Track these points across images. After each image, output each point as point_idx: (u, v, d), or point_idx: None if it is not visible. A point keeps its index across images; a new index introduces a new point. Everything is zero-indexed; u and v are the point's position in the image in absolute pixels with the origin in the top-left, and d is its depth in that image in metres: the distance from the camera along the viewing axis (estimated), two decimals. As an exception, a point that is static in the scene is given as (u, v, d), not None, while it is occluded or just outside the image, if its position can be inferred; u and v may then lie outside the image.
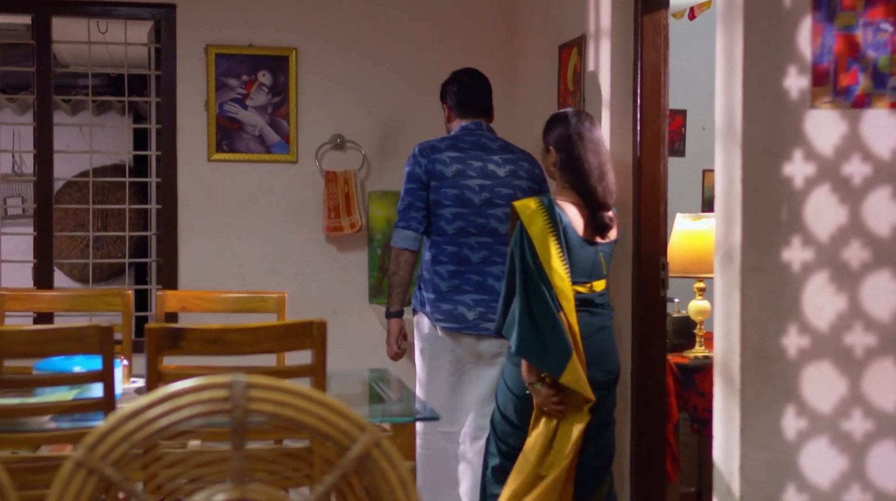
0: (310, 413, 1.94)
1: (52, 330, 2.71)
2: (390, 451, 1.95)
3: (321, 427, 1.94)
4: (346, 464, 1.92)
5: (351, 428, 1.95)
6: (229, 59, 5.37)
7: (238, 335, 2.78)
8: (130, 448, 1.88)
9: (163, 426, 1.91)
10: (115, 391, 2.76)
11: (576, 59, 4.64)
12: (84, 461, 1.84)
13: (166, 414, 1.91)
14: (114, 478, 1.83)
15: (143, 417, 1.89)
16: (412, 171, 4.33)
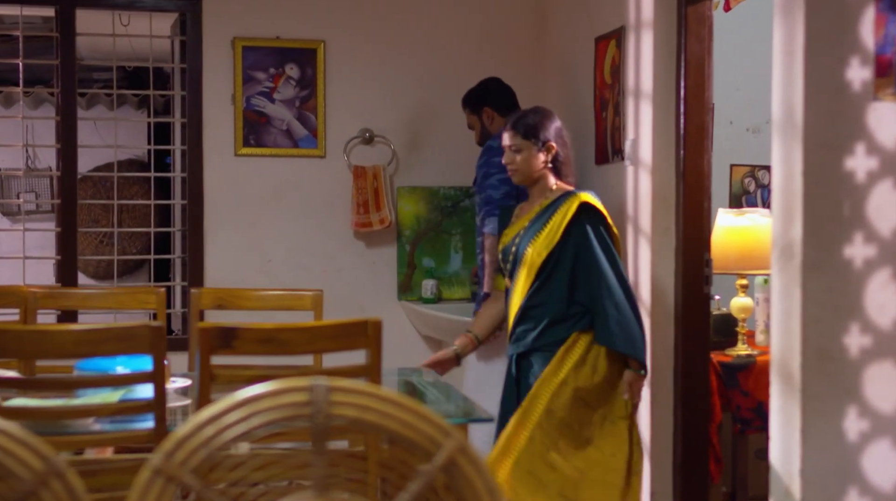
0: (393, 418, 1.86)
1: (102, 330, 2.62)
2: (476, 457, 1.88)
3: (405, 433, 1.86)
4: (432, 471, 1.84)
5: (436, 434, 1.87)
6: (256, 51, 5.28)
7: (292, 334, 2.69)
8: (210, 455, 1.80)
9: (242, 432, 1.83)
10: (165, 393, 2.67)
11: (614, 51, 4.55)
12: (162, 468, 1.76)
13: (246, 419, 1.83)
14: (194, 486, 1.75)
15: (221, 422, 1.81)
16: (499, 166, 4.35)
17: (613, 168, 4.55)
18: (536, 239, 3.83)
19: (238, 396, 1.79)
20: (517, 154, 3.91)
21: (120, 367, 3.08)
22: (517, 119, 3.94)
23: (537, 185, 3.93)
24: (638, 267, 4.28)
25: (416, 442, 1.84)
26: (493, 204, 4.43)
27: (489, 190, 4.45)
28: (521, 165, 3.91)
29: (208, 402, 2.66)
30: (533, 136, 3.90)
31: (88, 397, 2.92)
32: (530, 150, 3.90)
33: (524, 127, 3.91)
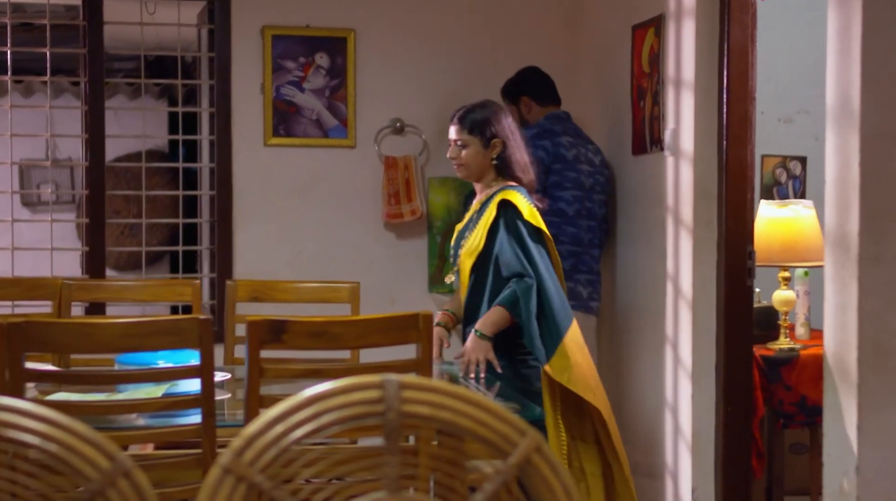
0: (467, 416, 1.80)
1: (150, 323, 2.56)
2: (552, 457, 1.81)
3: (479, 431, 1.80)
4: (507, 470, 1.78)
5: (510, 432, 1.81)
6: (286, 40, 5.20)
7: (343, 328, 2.63)
8: (279, 454, 1.74)
9: (312, 430, 1.77)
10: (214, 388, 2.61)
11: (652, 39, 4.47)
12: (231, 467, 1.70)
13: (316, 417, 1.77)
14: (263, 486, 1.70)
15: (291, 420, 1.76)
16: (535, 153, 4.37)
17: (651, 159, 4.48)
18: (468, 240, 3.86)
19: (308, 393, 1.73)
20: (463, 149, 3.86)
21: (161, 361, 3.03)
22: (464, 113, 3.88)
23: (482, 181, 3.91)
24: (679, 260, 4.21)
25: (490, 441, 1.78)
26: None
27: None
28: (466, 160, 3.86)
29: (257, 397, 2.61)
30: (479, 131, 3.85)
31: (131, 391, 2.86)
32: (476, 146, 3.85)
33: (471, 122, 3.86)
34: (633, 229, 4.66)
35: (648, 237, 4.49)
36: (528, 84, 4.68)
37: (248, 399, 2.60)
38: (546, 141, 4.48)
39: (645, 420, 4.50)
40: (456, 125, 3.87)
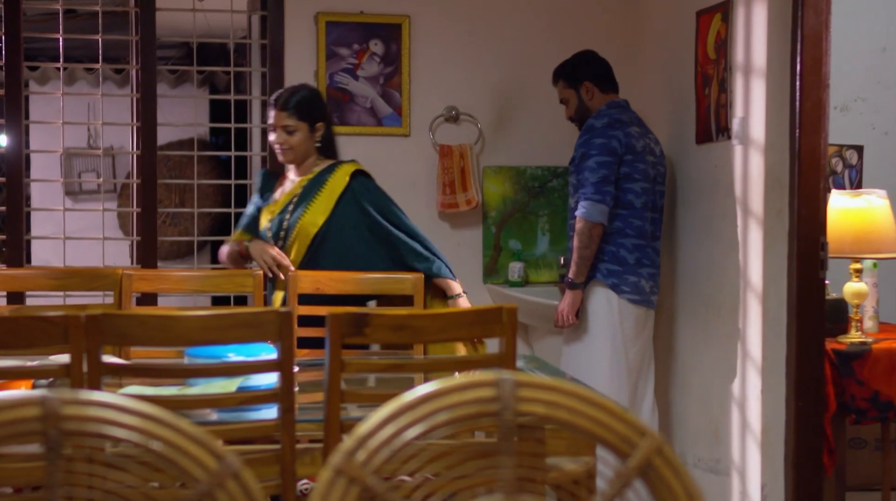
0: (585, 416, 1.72)
1: (230, 316, 2.49)
2: (673, 459, 1.73)
3: (597, 431, 1.71)
4: (627, 473, 1.69)
5: (630, 433, 1.73)
6: (340, 27, 5.12)
7: (426, 321, 2.54)
8: (392, 455, 1.67)
9: (425, 430, 1.69)
10: (293, 383, 2.54)
11: (719, 24, 4.36)
12: (344, 468, 1.63)
13: (429, 416, 1.69)
14: (377, 489, 1.62)
15: (403, 419, 1.68)
16: (608, 144, 4.34)
17: (718, 147, 4.37)
18: (307, 211, 3.90)
19: (420, 391, 1.66)
20: (292, 135, 3.90)
21: (231, 354, 2.96)
22: (288, 98, 3.91)
23: (303, 164, 3.97)
24: (748, 251, 4.11)
25: (608, 441, 1.70)
26: (589, 187, 4.31)
27: (586, 172, 4.32)
28: (294, 145, 3.91)
29: (338, 392, 2.53)
30: (309, 116, 3.92)
31: (204, 385, 2.79)
32: (304, 130, 3.91)
33: (298, 106, 3.90)
34: (696, 220, 4.55)
35: (713, 228, 4.39)
36: (590, 69, 4.55)
37: (329, 395, 2.52)
38: (618, 131, 4.38)
39: (709, 415, 4.40)
40: (282, 111, 3.89)
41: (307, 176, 3.97)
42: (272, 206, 3.99)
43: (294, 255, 3.92)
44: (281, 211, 3.94)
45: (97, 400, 1.56)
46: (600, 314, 4.37)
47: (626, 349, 4.38)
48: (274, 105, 3.92)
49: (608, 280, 4.37)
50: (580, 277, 4.34)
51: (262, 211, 4.01)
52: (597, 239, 4.31)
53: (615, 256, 4.37)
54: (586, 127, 4.43)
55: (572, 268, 4.35)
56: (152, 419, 1.58)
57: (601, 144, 4.33)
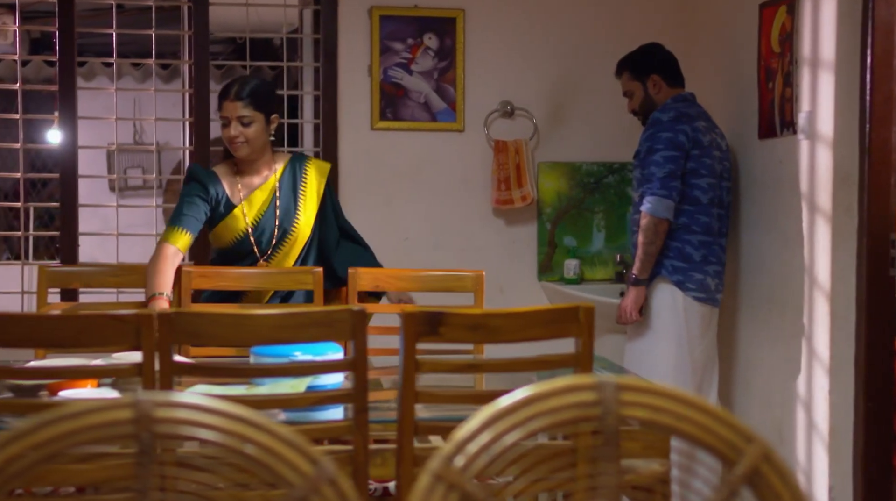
0: (689, 421, 1.66)
1: (304, 314, 2.44)
2: (781, 465, 1.66)
3: (702, 437, 1.65)
4: (734, 481, 1.63)
5: (736, 439, 1.66)
6: (394, 21, 5.07)
7: (503, 320, 2.48)
8: (491, 461, 1.61)
9: (525, 434, 1.64)
10: (367, 382, 2.49)
11: (783, 17, 4.27)
12: (443, 474, 1.57)
13: (529, 421, 1.64)
14: (476, 495, 1.57)
15: (502, 424, 1.63)
16: (675, 138, 4.27)
17: (783, 142, 4.28)
18: (302, 213, 3.80)
19: (520, 395, 1.60)
20: (248, 127, 3.71)
21: (297, 352, 2.91)
22: (242, 88, 3.72)
23: (261, 159, 3.80)
24: (814, 248, 4.02)
25: (714, 447, 1.63)
26: (655, 182, 4.23)
27: (652, 167, 4.24)
28: (252, 137, 3.73)
29: (413, 393, 2.48)
30: (265, 107, 3.75)
31: (272, 385, 2.75)
32: (261, 122, 3.75)
33: (254, 97, 3.72)
34: (758, 217, 4.47)
35: (777, 225, 4.30)
36: (657, 61, 4.47)
37: (404, 395, 2.47)
38: (685, 125, 4.30)
39: (771, 414, 4.32)
40: (236, 101, 3.70)
41: (276, 172, 3.82)
42: (245, 207, 3.78)
43: (290, 259, 3.82)
44: (265, 213, 3.78)
45: (190, 403, 1.52)
46: (664, 312, 4.30)
47: (692, 348, 4.31)
48: (227, 96, 3.73)
49: (673, 277, 4.29)
50: (644, 273, 4.27)
51: (230, 214, 3.77)
52: (662, 235, 4.24)
53: (681, 252, 4.29)
54: (652, 120, 4.35)
55: (636, 264, 4.27)
56: (247, 423, 1.54)
57: (668, 138, 4.26)
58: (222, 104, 3.73)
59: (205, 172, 3.83)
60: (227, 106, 3.71)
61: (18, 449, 1.47)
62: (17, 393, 2.83)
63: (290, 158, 3.89)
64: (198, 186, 3.76)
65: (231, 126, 3.71)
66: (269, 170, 3.83)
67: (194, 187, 3.76)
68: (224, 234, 3.80)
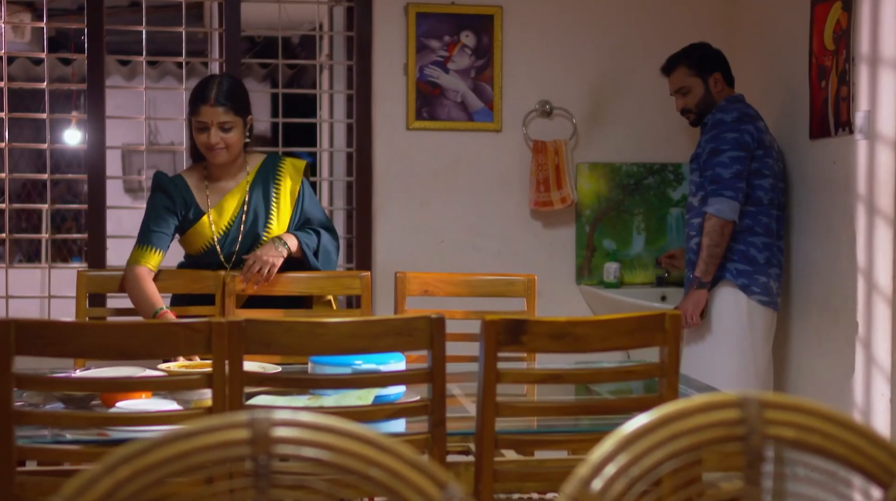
0: (840, 441, 1.54)
1: (380, 322, 2.32)
2: (938, 490, 1.54)
3: (854, 459, 1.53)
4: (888, 507, 1.52)
5: (891, 462, 1.55)
6: (430, 18, 4.94)
7: (588, 329, 2.37)
8: (631, 484, 1.50)
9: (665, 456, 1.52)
10: (445, 394, 2.37)
11: (838, 13, 4.15)
12: (579, 497, 1.46)
13: (669, 441, 1.52)
14: (617, 524, 1.45)
15: (641, 444, 1.51)
16: (741, 138, 4.15)
17: (837, 143, 4.16)
18: (275, 220, 3.63)
19: (660, 413, 1.49)
20: (229, 132, 3.50)
21: (359, 361, 2.79)
22: (219, 91, 3.50)
23: (236, 162, 3.62)
24: (874, 251, 3.90)
25: (866, 470, 1.52)
26: (722, 184, 4.12)
27: (718, 168, 4.13)
28: (232, 143, 3.52)
29: (493, 405, 2.36)
30: (243, 110, 3.56)
31: (339, 396, 2.63)
32: (240, 126, 3.54)
33: (233, 101, 3.51)
34: (810, 219, 4.35)
35: (831, 227, 4.18)
36: (719, 59, 4.38)
37: (484, 406, 2.35)
38: (749, 125, 4.19)
39: (825, 423, 4.19)
40: (217, 106, 3.48)
41: (248, 175, 3.64)
42: (214, 214, 3.61)
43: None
44: (235, 219, 3.61)
45: (309, 422, 1.40)
46: (727, 316, 4.18)
47: (755, 355, 4.20)
48: (205, 100, 3.49)
49: (738, 280, 4.18)
50: (708, 275, 4.15)
51: (198, 222, 3.61)
52: (727, 237, 4.13)
53: (745, 255, 4.19)
54: (715, 121, 4.23)
55: (700, 266, 4.14)
56: (371, 444, 1.42)
57: (734, 138, 4.15)
58: (199, 109, 3.50)
59: (171, 181, 3.62)
60: (205, 111, 3.49)
61: (128, 472, 1.36)
62: (67, 404, 2.71)
63: (263, 160, 3.69)
64: (164, 197, 3.58)
65: (211, 132, 3.49)
66: (242, 172, 3.65)
67: (160, 199, 3.58)
68: (193, 241, 3.64)
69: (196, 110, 3.52)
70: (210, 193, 3.62)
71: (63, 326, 2.15)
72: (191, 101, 3.58)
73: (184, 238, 3.67)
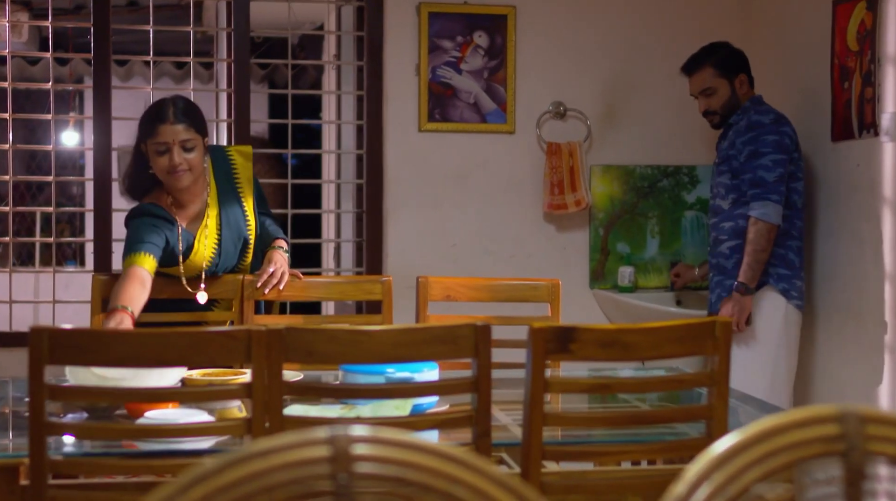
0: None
1: (424, 330, 2.24)
2: None
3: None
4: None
5: None
6: (443, 18, 4.86)
7: (638, 336, 2.28)
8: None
9: (762, 474, 1.45)
10: (490, 403, 2.28)
11: (863, 13, 4.09)
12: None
13: (767, 458, 1.45)
14: (716, 546, 1.37)
15: (738, 461, 1.44)
16: (781, 141, 4.08)
17: (861, 145, 4.09)
18: (247, 210, 3.53)
19: (757, 428, 1.41)
20: (191, 152, 3.33)
21: (391, 369, 2.71)
22: (177, 108, 3.33)
23: (199, 181, 3.43)
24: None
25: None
26: (767, 187, 4.02)
27: (760, 171, 4.04)
28: (195, 163, 3.34)
29: (541, 415, 2.27)
30: (202, 128, 3.40)
31: (375, 406, 2.54)
32: (201, 145, 3.38)
33: (193, 118, 3.36)
34: (832, 222, 4.28)
35: (855, 231, 4.12)
36: (744, 60, 4.30)
37: (531, 416, 2.26)
38: (787, 127, 4.13)
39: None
40: (177, 124, 3.30)
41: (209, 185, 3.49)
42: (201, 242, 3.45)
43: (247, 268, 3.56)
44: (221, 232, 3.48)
45: (391, 439, 1.32)
46: (770, 322, 4.11)
47: (789, 359, 4.15)
48: (164, 119, 3.30)
49: (779, 285, 4.11)
50: (754, 281, 4.06)
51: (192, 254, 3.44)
52: (773, 241, 4.05)
53: (784, 259, 4.12)
54: (752, 123, 4.13)
55: (747, 272, 4.04)
56: (456, 461, 1.34)
57: (774, 141, 4.06)
58: (157, 129, 3.29)
59: (149, 209, 3.40)
60: (164, 130, 3.29)
61: (202, 493, 1.28)
62: (92, 414, 2.62)
63: (211, 159, 3.50)
64: (147, 219, 3.37)
65: (174, 153, 3.28)
66: (205, 185, 3.48)
67: (144, 220, 3.37)
68: (190, 271, 3.46)
69: (153, 131, 3.31)
70: (183, 220, 3.45)
71: (99, 334, 2.06)
72: (143, 124, 3.36)
73: (173, 270, 3.45)
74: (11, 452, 2.35)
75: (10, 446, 2.48)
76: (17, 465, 2.26)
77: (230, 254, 3.50)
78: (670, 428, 2.67)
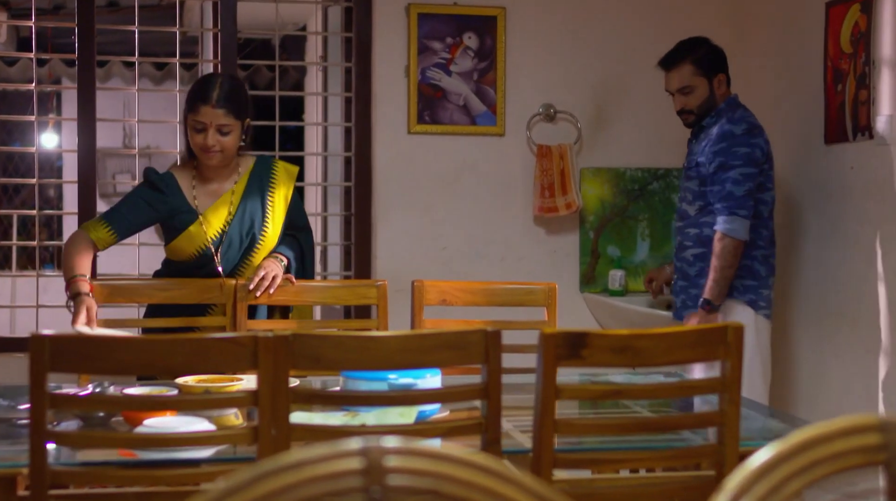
0: None
1: (432, 336, 2.19)
2: None
3: None
4: None
5: None
6: (432, 19, 4.81)
7: (651, 342, 2.24)
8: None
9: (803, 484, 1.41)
10: (500, 410, 2.24)
11: (856, 16, 4.07)
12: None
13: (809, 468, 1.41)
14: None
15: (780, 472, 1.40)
16: (752, 153, 3.94)
17: (855, 148, 4.08)
18: (270, 224, 3.51)
19: (798, 438, 1.37)
20: (227, 136, 3.39)
21: (393, 375, 2.66)
22: (221, 92, 3.39)
23: (230, 164, 3.52)
24: (892, 260, 3.82)
25: None
26: (735, 202, 3.87)
27: (729, 184, 3.88)
28: (228, 146, 3.41)
29: (552, 423, 2.23)
30: (243, 113, 3.45)
31: (380, 413, 2.49)
32: (237, 130, 3.43)
33: (236, 103, 3.41)
34: (824, 226, 4.26)
35: (847, 235, 4.10)
36: (724, 59, 4.12)
37: (541, 424, 2.22)
38: (759, 138, 3.98)
39: (842, 434, 4.11)
40: (218, 108, 3.37)
41: (241, 177, 3.53)
42: (208, 216, 3.47)
43: (251, 270, 3.51)
44: (231, 223, 3.49)
45: (426, 451, 1.27)
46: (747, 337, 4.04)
47: (764, 371, 4.03)
48: (207, 100, 3.37)
49: (745, 296, 3.98)
50: (720, 298, 3.92)
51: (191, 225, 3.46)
52: (739, 257, 3.91)
53: (750, 270, 3.98)
54: (723, 133, 3.97)
55: (711, 288, 3.90)
56: (494, 474, 1.29)
57: (745, 153, 3.91)
58: (199, 108, 3.37)
59: (161, 179, 3.49)
60: (205, 111, 3.37)
61: (232, 508, 1.23)
62: (86, 423, 2.55)
63: (255, 161, 3.59)
64: (148, 191, 3.47)
65: (208, 134, 3.37)
66: (234, 174, 3.54)
67: (144, 191, 3.48)
68: (185, 247, 3.47)
69: (195, 109, 3.39)
70: (201, 194, 3.50)
71: (102, 341, 2.00)
72: (189, 99, 3.44)
73: (174, 244, 3.51)
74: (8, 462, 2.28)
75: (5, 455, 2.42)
76: (14, 475, 2.19)
77: (234, 243, 3.49)
78: (676, 435, 2.63)
